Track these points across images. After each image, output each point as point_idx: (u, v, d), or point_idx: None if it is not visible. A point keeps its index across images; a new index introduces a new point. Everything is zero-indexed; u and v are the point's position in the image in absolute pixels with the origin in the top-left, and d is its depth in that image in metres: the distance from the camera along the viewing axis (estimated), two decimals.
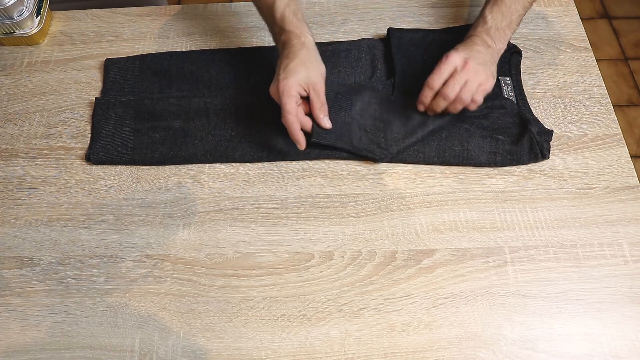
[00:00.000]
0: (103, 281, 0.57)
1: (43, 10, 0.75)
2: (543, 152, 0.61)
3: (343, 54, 0.71)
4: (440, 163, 0.63)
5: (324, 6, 0.78)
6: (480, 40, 0.61)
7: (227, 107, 0.67)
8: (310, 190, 0.62)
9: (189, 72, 0.71)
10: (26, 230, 0.61)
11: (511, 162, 0.62)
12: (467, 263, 0.57)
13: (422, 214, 0.60)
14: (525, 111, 0.65)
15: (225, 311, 0.55)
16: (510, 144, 0.63)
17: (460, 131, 0.64)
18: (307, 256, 0.58)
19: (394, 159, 0.63)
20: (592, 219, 0.59)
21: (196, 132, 0.65)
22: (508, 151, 0.62)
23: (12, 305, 0.56)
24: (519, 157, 0.62)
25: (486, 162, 0.62)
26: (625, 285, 0.55)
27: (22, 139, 0.68)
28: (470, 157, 0.62)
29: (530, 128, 0.62)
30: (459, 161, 0.63)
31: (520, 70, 0.69)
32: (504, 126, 0.64)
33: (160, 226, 0.60)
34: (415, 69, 0.68)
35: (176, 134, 0.65)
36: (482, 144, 0.63)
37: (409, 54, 0.70)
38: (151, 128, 0.66)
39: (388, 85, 0.68)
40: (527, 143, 0.62)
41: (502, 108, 0.65)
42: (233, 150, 0.64)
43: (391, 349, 0.52)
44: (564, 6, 0.76)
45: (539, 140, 0.62)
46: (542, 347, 0.52)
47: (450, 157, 0.63)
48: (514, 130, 0.63)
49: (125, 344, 0.53)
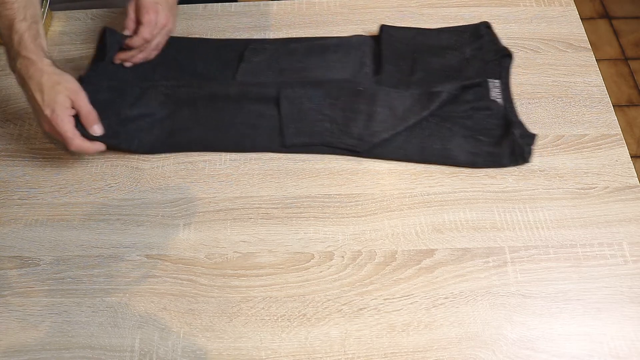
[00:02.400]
0: (103, 281, 0.57)
1: (43, 10, 0.75)
2: (524, 155, 0.61)
3: (332, 48, 0.72)
4: (421, 161, 0.63)
5: (324, 6, 0.78)
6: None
7: (213, 97, 0.67)
8: (310, 190, 0.62)
9: (176, 61, 0.71)
10: (26, 230, 0.61)
11: (491, 164, 0.62)
12: (467, 263, 0.57)
13: (422, 214, 0.60)
14: (511, 114, 0.65)
15: (225, 311, 0.55)
16: (492, 145, 0.63)
17: (442, 130, 0.64)
18: (307, 256, 0.58)
19: (375, 154, 0.63)
20: (592, 219, 0.59)
21: (183, 122, 0.66)
22: (489, 153, 0.62)
23: (12, 305, 0.56)
24: (500, 159, 0.62)
25: (466, 162, 0.62)
26: (625, 285, 0.55)
27: (22, 139, 0.68)
28: (450, 157, 0.62)
29: (513, 131, 0.62)
30: (439, 160, 0.63)
31: (510, 73, 0.69)
32: (487, 127, 0.64)
33: (160, 226, 0.60)
34: (403, 67, 0.68)
35: (163, 123, 0.66)
36: (464, 144, 0.63)
37: (398, 52, 0.70)
38: (138, 116, 0.65)
39: (373, 82, 0.68)
40: (509, 145, 0.62)
41: (487, 109, 0.65)
42: (218, 140, 0.65)
43: (391, 349, 0.52)
44: (564, 6, 0.77)
45: (521, 143, 0.62)
46: (542, 347, 0.52)
47: (431, 155, 0.63)
48: (496, 132, 0.64)
49: (125, 344, 0.53)
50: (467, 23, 0.74)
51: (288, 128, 0.65)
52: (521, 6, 0.77)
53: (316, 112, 0.65)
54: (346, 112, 0.65)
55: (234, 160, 0.65)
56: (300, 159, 0.64)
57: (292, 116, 0.65)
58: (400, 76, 0.67)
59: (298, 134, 0.64)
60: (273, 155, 0.65)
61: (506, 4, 0.77)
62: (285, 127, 0.65)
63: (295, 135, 0.64)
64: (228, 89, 0.67)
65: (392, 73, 0.68)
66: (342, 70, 0.70)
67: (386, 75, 0.68)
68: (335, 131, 0.64)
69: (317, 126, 0.64)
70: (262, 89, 0.67)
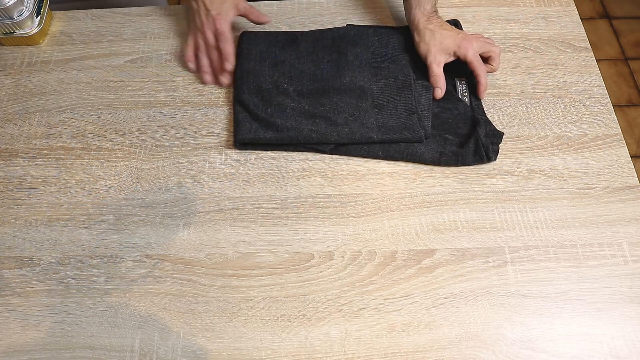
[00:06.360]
0: (103, 281, 0.57)
1: (43, 10, 0.75)
2: (488, 154, 0.62)
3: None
4: (385, 157, 0.63)
5: (324, 6, 0.78)
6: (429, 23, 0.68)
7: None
8: (310, 190, 0.62)
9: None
10: (26, 230, 0.61)
11: (456, 163, 0.62)
12: (467, 263, 0.57)
13: (422, 214, 0.60)
14: (478, 112, 0.66)
15: (225, 311, 0.55)
16: (457, 144, 0.63)
17: None
18: (307, 256, 0.58)
19: (339, 151, 0.64)
20: (592, 219, 0.59)
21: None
22: (453, 152, 0.62)
23: (12, 305, 0.56)
24: (464, 158, 0.62)
25: (430, 160, 0.63)
26: (625, 285, 0.55)
27: (22, 139, 0.68)
28: (414, 154, 0.63)
29: (478, 130, 0.62)
30: (403, 157, 0.63)
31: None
32: (454, 126, 0.65)
33: (160, 226, 0.60)
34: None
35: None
36: (431, 142, 0.63)
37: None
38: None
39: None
40: (473, 144, 0.62)
41: (455, 109, 0.66)
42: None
43: (391, 349, 0.52)
44: (564, 6, 0.77)
45: (485, 142, 0.62)
46: (542, 347, 0.52)
47: (395, 152, 0.63)
48: (463, 131, 0.64)
49: (125, 344, 0.53)
50: (468, 23, 0.74)
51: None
52: (521, 6, 0.77)
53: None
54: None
55: (234, 160, 0.65)
56: (300, 158, 0.64)
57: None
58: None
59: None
60: (273, 155, 0.65)
61: (506, 4, 0.77)
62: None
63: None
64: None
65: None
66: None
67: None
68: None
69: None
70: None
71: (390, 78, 0.66)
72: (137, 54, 0.74)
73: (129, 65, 0.73)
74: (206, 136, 0.67)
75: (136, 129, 0.67)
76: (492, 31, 0.74)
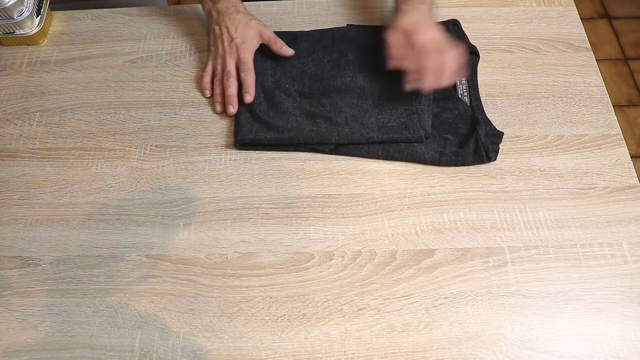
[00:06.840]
0: (103, 281, 0.57)
1: (43, 10, 0.75)
2: (488, 154, 0.62)
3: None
4: (385, 157, 0.63)
5: (324, 6, 0.78)
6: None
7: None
8: (310, 190, 0.62)
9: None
10: (26, 230, 0.61)
11: (456, 163, 0.62)
12: (467, 263, 0.57)
13: (422, 214, 0.60)
14: (478, 112, 0.66)
15: (225, 311, 0.55)
16: (457, 144, 0.63)
17: None
18: (307, 256, 0.58)
19: (339, 151, 0.64)
20: (592, 219, 0.59)
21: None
22: (454, 152, 0.63)
23: (12, 305, 0.56)
24: (464, 158, 0.62)
25: (430, 160, 0.63)
26: (625, 285, 0.55)
27: (22, 139, 0.68)
28: (414, 154, 0.63)
29: (478, 130, 0.63)
30: (403, 157, 0.63)
31: (477, 72, 0.69)
32: (454, 126, 0.65)
33: (160, 226, 0.60)
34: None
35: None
36: (431, 142, 0.63)
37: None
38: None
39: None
40: (473, 144, 0.62)
41: (455, 109, 0.66)
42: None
43: (391, 349, 0.52)
44: (564, 6, 0.77)
45: (485, 142, 0.62)
46: (542, 347, 0.52)
47: (395, 152, 0.63)
48: (463, 131, 0.64)
49: (125, 344, 0.53)
50: (468, 23, 0.74)
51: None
52: (521, 6, 0.77)
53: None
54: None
55: (234, 160, 0.65)
56: (300, 158, 0.64)
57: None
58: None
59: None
60: (273, 155, 0.65)
61: (506, 4, 0.77)
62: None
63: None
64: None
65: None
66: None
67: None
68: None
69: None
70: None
71: (391, 78, 0.66)
72: (137, 54, 0.74)
73: (129, 65, 0.73)
74: (206, 136, 0.67)
75: (136, 129, 0.67)
76: (492, 31, 0.74)
